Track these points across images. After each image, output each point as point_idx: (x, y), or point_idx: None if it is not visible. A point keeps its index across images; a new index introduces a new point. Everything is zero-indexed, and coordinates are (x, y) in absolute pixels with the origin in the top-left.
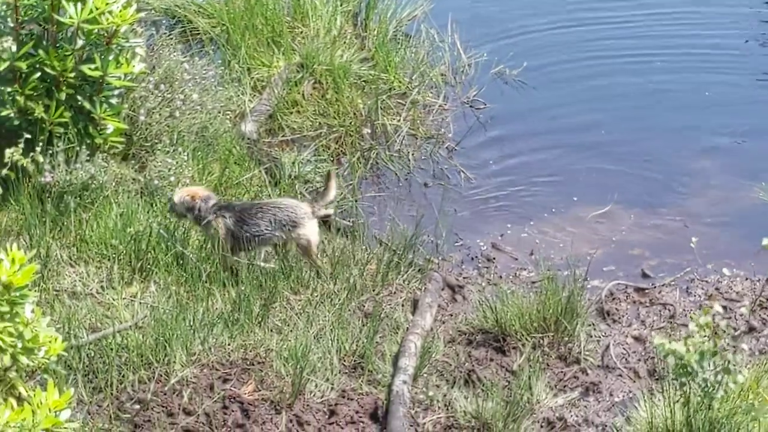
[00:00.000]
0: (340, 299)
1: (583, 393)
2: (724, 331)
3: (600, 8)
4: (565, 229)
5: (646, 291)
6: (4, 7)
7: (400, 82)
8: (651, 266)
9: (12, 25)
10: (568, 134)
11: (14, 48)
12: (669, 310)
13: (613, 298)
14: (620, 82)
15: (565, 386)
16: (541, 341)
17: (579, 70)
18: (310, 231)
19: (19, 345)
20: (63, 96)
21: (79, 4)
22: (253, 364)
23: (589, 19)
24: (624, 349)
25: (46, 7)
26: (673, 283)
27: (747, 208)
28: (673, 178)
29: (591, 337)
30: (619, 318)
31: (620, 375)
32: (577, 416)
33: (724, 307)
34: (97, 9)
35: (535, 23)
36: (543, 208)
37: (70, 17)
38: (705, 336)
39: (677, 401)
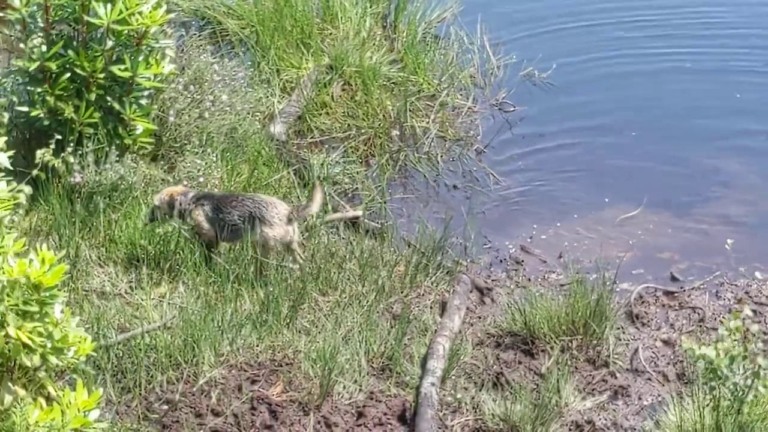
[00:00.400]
0: (368, 301)
1: (612, 396)
2: (755, 335)
3: (631, 8)
4: (595, 231)
5: (676, 294)
6: (35, 7)
7: (429, 84)
8: (680, 269)
9: (42, 25)
10: (597, 136)
11: (44, 48)
12: (698, 314)
13: (642, 302)
14: (650, 82)
15: (593, 389)
16: (570, 344)
17: (608, 71)
18: (274, 233)
19: (49, 345)
20: (93, 96)
21: (109, 5)
22: (281, 366)
23: (619, 19)
24: (653, 352)
25: (77, 7)
26: (702, 286)
27: None
28: (704, 181)
29: (620, 340)
30: (648, 321)
31: (649, 378)
32: (605, 420)
33: (754, 311)
34: (127, 10)
35: (565, 24)
36: (572, 210)
37: (100, 18)
38: (735, 340)
39: (707, 405)
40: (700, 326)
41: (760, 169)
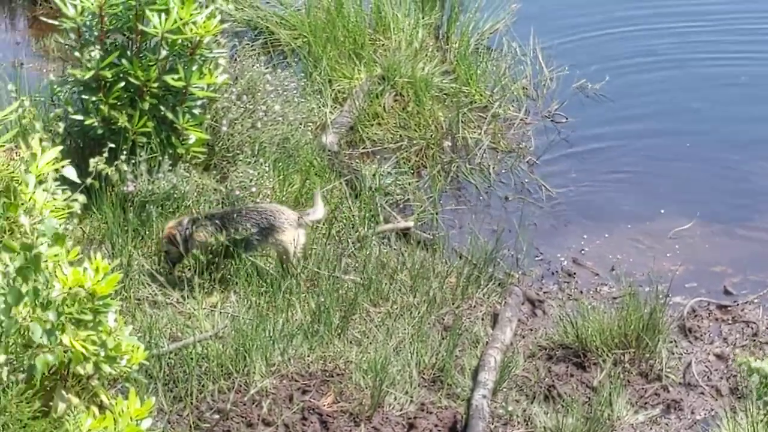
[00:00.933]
0: (419, 312)
1: (665, 410)
2: None
3: (684, 14)
4: (647, 244)
5: (729, 308)
6: (90, 16)
7: (481, 95)
8: (734, 283)
9: (97, 34)
10: (650, 148)
11: (99, 57)
12: (752, 328)
13: (695, 315)
14: (705, 95)
15: (646, 403)
16: (622, 357)
17: (661, 82)
18: (289, 237)
19: (102, 353)
20: (146, 106)
21: (163, 15)
22: (332, 376)
23: (673, 28)
24: (706, 366)
25: (131, 16)
26: (756, 300)
27: None
28: (759, 193)
29: (672, 354)
30: (701, 335)
31: (702, 393)
32: None
33: None
34: (181, 20)
35: (618, 36)
36: (625, 222)
37: (155, 27)
38: None
39: (761, 420)
40: (754, 340)
41: None
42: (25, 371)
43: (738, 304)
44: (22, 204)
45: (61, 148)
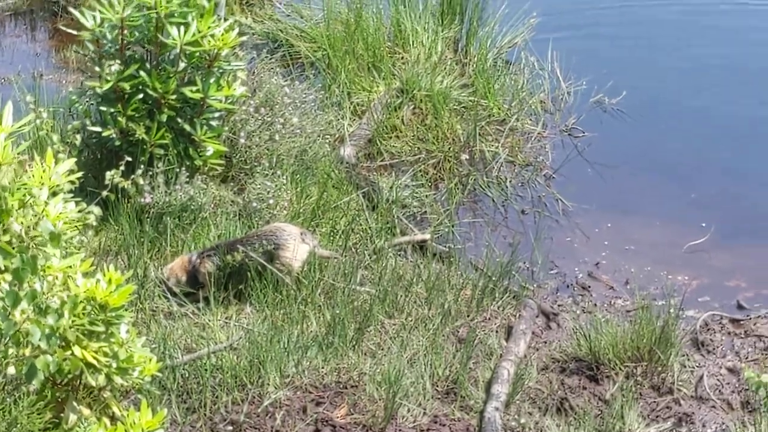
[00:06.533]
0: (434, 324)
1: (676, 423)
2: None
3: (704, 33)
4: (662, 257)
5: (742, 322)
6: (110, 28)
7: (499, 108)
8: (747, 298)
9: (117, 45)
10: (666, 163)
11: (116, 68)
12: (764, 342)
13: (708, 329)
14: (724, 110)
15: (657, 416)
16: (635, 370)
17: (680, 97)
18: (293, 253)
19: (114, 365)
20: (164, 118)
21: (182, 27)
22: (346, 388)
23: (691, 48)
24: (718, 380)
25: (151, 28)
26: None
27: None
28: None
29: (685, 367)
30: (714, 349)
31: (713, 406)
32: None
33: None
34: (199, 32)
35: (637, 52)
36: (640, 236)
37: (174, 39)
38: None
39: None
40: (766, 354)
41: None
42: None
43: (751, 318)
44: (19, 210)
45: (75, 159)
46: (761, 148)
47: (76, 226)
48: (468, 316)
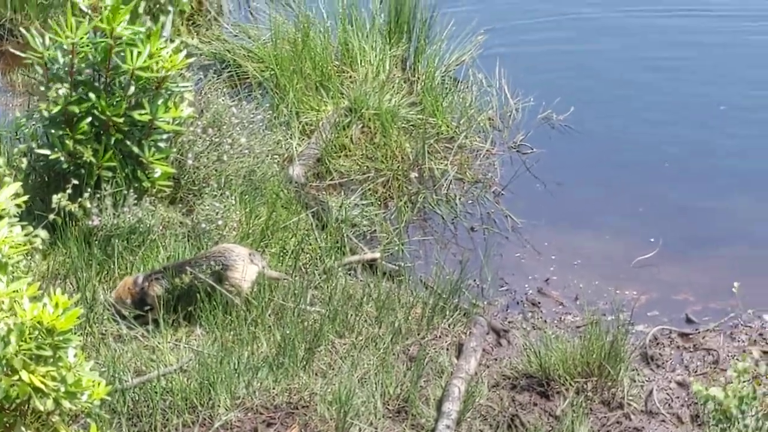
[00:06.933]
0: (384, 343)
1: None
2: (764, 376)
3: (652, 45)
4: (611, 273)
5: (690, 336)
6: (59, 51)
7: (447, 126)
8: (695, 311)
9: (67, 69)
10: (615, 179)
11: (65, 92)
12: (713, 356)
13: (657, 343)
14: (674, 125)
15: (608, 431)
16: (585, 386)
17: (627, 111)
18: (242, 274)
19: (62, 389)
20: (112, 140)
21: (134, 50)
22: (297, 408)
23: (641, 60)
24: (667, 394)
25: (102, 52)
26: (717, 328)
27: None
28: (720, 224)
29: (635, 382)
30: (663, 363)
31: (663, 420)
32: None
33: (765, 353)
34: (150, 56)
35: (586, 67)
36: (589, 251)
37: (126, 63)
38: (744, 381)
39: None
40: (714, 368)
41: None
42: None
43: (699, 332)
44: None
45: (21, 183)
46: (706, 162)
47: (22, 250)
48: (418, 334)
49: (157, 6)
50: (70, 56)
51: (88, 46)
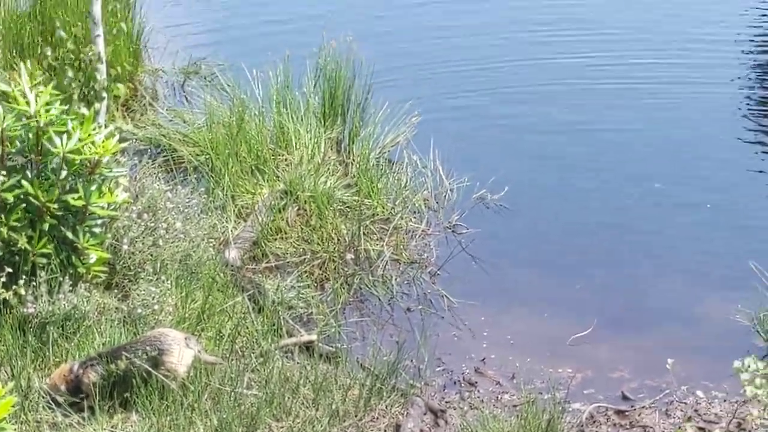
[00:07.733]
0: (322, 425)
1: None
2: None
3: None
4: (547, 351)
5: (626, 413)
6: None
7: (383, 207)
8: (631, 388)
9: None
10: (549, 258)
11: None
12: None
13: (594, 421)
14: (608, 204)
15: None
16: None
17: (563, 193)
18: (178, 358)
19: None
20: (46, 226)
21: (64, 135)
22: None
23: (579, 139)
24: None
25: (32, 137)
26: (652, 405)
27: (723, 328)
28: (653, 303)
29: None
30: None
31: None
32: None
33: (701, 429)
34: (81, 140)
35: (520, 146)
36: (525, 330)
37: (56, 147)
38: None
39: None
40: None
41: (710, 288)
42: None
43: (635, 409)
44: None
45: None
46: (639, 239)
47: None
48: (356, 416)
49: (92, 92)
50: (0, 144)
51: (17, 130)
